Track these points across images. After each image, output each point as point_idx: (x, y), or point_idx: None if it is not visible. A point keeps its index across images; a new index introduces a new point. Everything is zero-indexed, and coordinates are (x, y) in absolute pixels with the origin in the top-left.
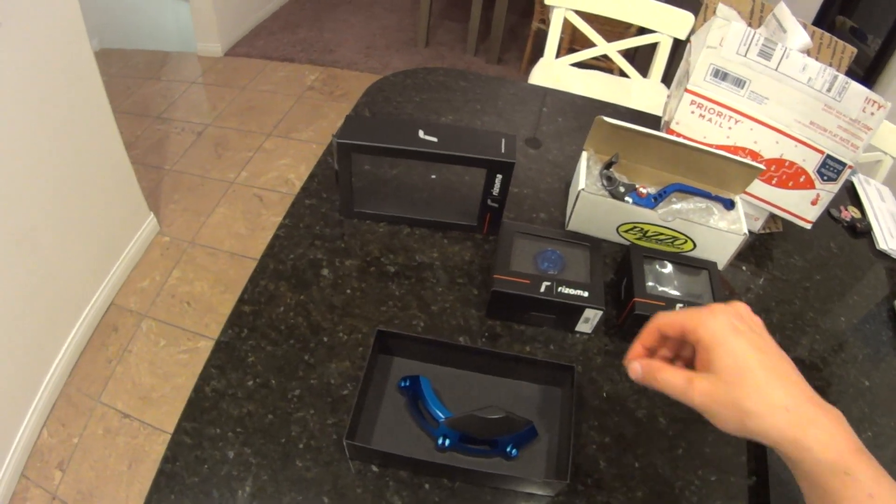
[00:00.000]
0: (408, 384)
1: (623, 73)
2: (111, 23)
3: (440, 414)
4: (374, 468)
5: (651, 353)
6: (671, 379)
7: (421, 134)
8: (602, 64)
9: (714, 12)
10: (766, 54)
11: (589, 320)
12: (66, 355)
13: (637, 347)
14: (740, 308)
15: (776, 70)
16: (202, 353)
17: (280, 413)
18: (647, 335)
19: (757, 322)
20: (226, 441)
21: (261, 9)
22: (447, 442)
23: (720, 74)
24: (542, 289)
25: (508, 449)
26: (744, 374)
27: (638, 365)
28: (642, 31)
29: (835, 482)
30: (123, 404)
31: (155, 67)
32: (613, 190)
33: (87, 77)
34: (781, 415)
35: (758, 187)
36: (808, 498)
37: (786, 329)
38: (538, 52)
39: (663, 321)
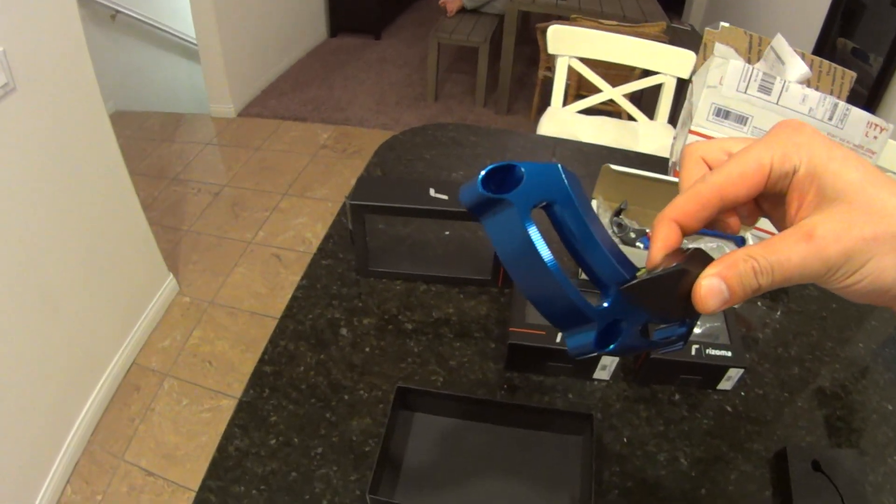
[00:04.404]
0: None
1: (631, 117)
2: (126, 85)
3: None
4: None
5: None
6: (782, 252)
7: (432, 192)
8: (611, 108)
9: (713, 51)
10: (765, 89)
11: (606, 367)
12: (89, 414)
13: (667, 234)
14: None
15: (777, 104)
16: (225, 411)
17: (303, 470)
18: (692, 202)
19: None
20: (250, 498)
21: (271, 69)
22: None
23: (722, 113)
24: (558, 339)
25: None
26: (873, 198)
27: (716, 281)
28: (647, 73)
29: None
30: (147, 462)
31: (170, 129)
32: (624, 236)
33: (103, 140)
34: None
35: (767, 222)
36: None
37: (805, 361)
38: (547, 100)
39: (725, 177)
